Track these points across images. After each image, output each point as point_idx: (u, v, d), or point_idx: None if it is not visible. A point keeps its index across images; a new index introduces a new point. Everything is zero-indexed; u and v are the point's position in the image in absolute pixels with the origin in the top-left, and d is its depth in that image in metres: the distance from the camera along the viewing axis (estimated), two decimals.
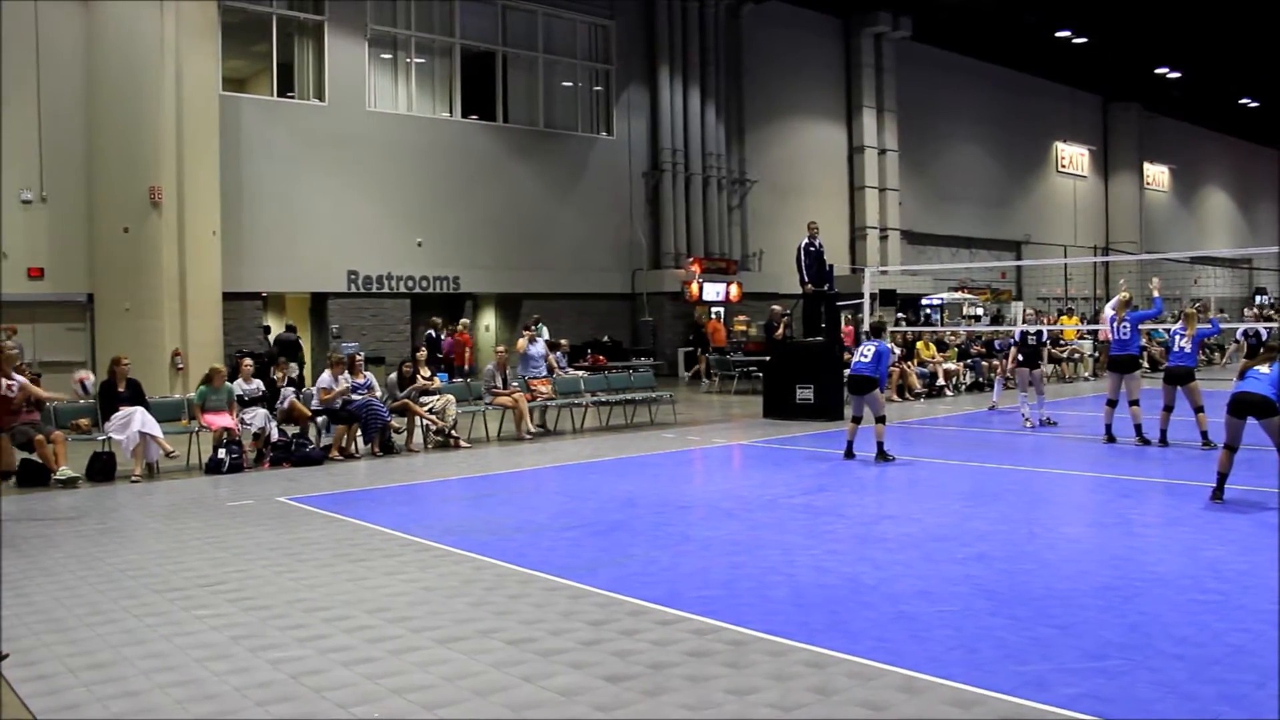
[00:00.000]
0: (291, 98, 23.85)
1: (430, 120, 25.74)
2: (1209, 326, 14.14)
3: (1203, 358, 14.67)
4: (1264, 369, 9.35)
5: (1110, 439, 14.06)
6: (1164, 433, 13.53)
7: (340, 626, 6.06)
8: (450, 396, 15.12)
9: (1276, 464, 9.51)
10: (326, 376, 14.07)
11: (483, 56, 26.98)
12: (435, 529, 8.84)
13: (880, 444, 12.66)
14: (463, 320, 24.36)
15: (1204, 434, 13.21)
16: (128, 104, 18.98)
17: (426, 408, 14.74)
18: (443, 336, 23.26)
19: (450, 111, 26.21)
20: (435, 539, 8.42)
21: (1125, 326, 14.03)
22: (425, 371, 15.45)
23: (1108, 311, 14.64)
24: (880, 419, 12.78)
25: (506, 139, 27.04)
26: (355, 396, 13.98)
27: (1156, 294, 14.99)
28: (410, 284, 24.87)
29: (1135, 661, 5.32)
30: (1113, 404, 14.23)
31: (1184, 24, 34.29)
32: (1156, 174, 50.54)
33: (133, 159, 18.95)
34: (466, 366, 22.47)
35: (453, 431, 14.83)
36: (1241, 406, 9.32)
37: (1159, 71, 40.92)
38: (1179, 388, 13.31)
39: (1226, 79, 42.57)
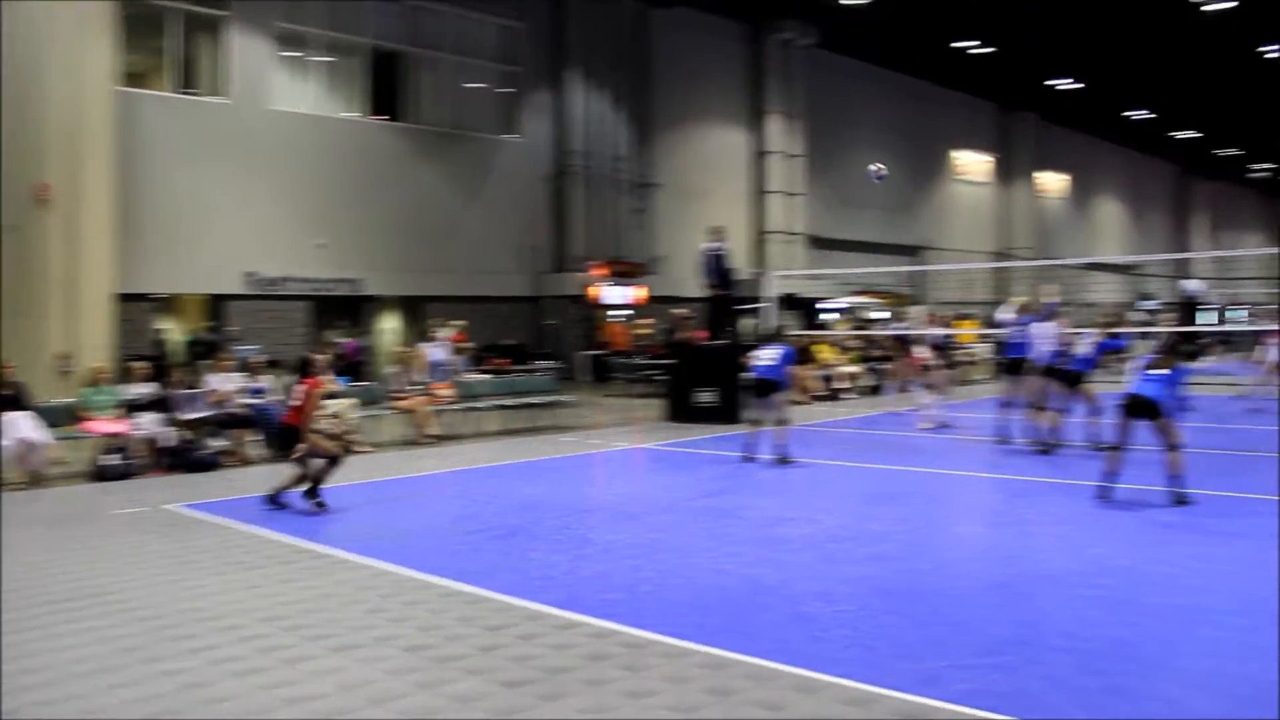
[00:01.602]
0: (193, 94, 23.31)
1: (336, 120, 25.38)
2: (1116, 339, 14.45)
3: (1104, 363, 15.11)
4: (1159, 371, 9.68)
5: (1005, 441, 14.37)
6: (1056, 434, 13.87)
7: (232, 636, 5.93)
8: (350, 400, 14.90)
9: (1164, 464, 9.77)
10: (216, 378, 13.77)
11: (390, 56, 26.67)
12: (332, 535, 8.71)
13: (781, 447, 12.78)
14: (455, 321, 23.88)
15: (1095, 436, 13.56)
16: (13, 98, 18.34)
17: (326, 412, 14.49)
18: (344, 340, 22.95)
19: (356, 111, 25.87)
20: (332, 545, 8.29)
21: (1020, 330, 14.35)
22: (325, 375, 15.19)
23: (1004, 315, 14.94)
24: (781, 422, 12.90)
25: (413, 140, 26.77)
26: (252, 400, 13.71)
27: (1052, 299, 15.38)
28: (311, 286, 24.47)
29: (1025, 656, 5.47)
30: (1008, 406, 14.54)
31: (1078, 38, 35.24)
32: (1052, 182, 51.82)
33: (19, 155, 18.31)
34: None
35: (352, 436, 14.61)
36: (1133, 408, 9.63)
37: (1054, 83, 41.96)
38: (1074, 389, 13.67)
39: (1119, 92, 43.82)
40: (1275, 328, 20.42)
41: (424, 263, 26.52)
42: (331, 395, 14.80)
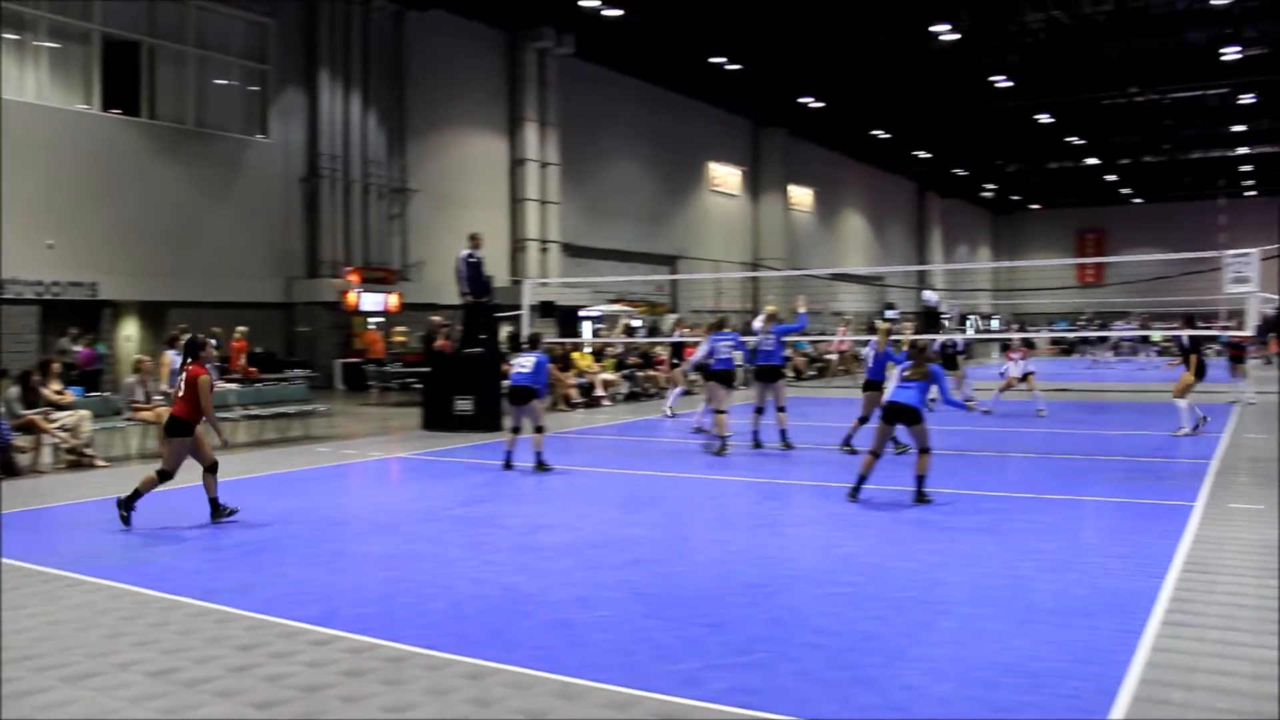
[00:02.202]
0: None
1: (65, 112, 23.80)
2: (900, 353, 15.13)
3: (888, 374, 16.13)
4: (913, 379, 10.28)
5: (757, 445, 14.85)
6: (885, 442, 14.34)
7: None
8: (84, 411, 14.05)
9: (914, 464, 10.33)
10: None
11: (127, 46, 25.24)
12: (65, 556, 8.17)
13: (539, 454, 12.83)
14: (239, 328, 22.83)
15: (849, 439, 14.17)
16: None
17: (57, 424, 13.63)
18: (78, 348, 21.61)
19: (89, 103, 24.37)
20: (65, 567, 7.77)
21: (770, 338, 14.88)
22: (56, 385, 14.29)
23: (757, 324, 15.45)
24: (539, 429, 12.95)
25: (153, 136, 25.45)
26: None
27: (802, 310, 16.03)
28: (39, 290, 22.88)
29: (778, 653, 5.67)
30: (759, 411, 15.04)
31: (822, 59, 36.87)
32: (801, 195, 53.90)
33: None
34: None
35: (87, 450, 13.79)
36: (893, 414, 10.20)
37: (803, 100, 43.70)
38: (866, 394, 14.26)
39: (861, 112, 46.06)
40: (1019, 341, 22.01)
41: (167, 266, 25.26)
42: (63, 406, 13.98)
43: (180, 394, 9.74)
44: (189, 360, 9.91)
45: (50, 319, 23.08)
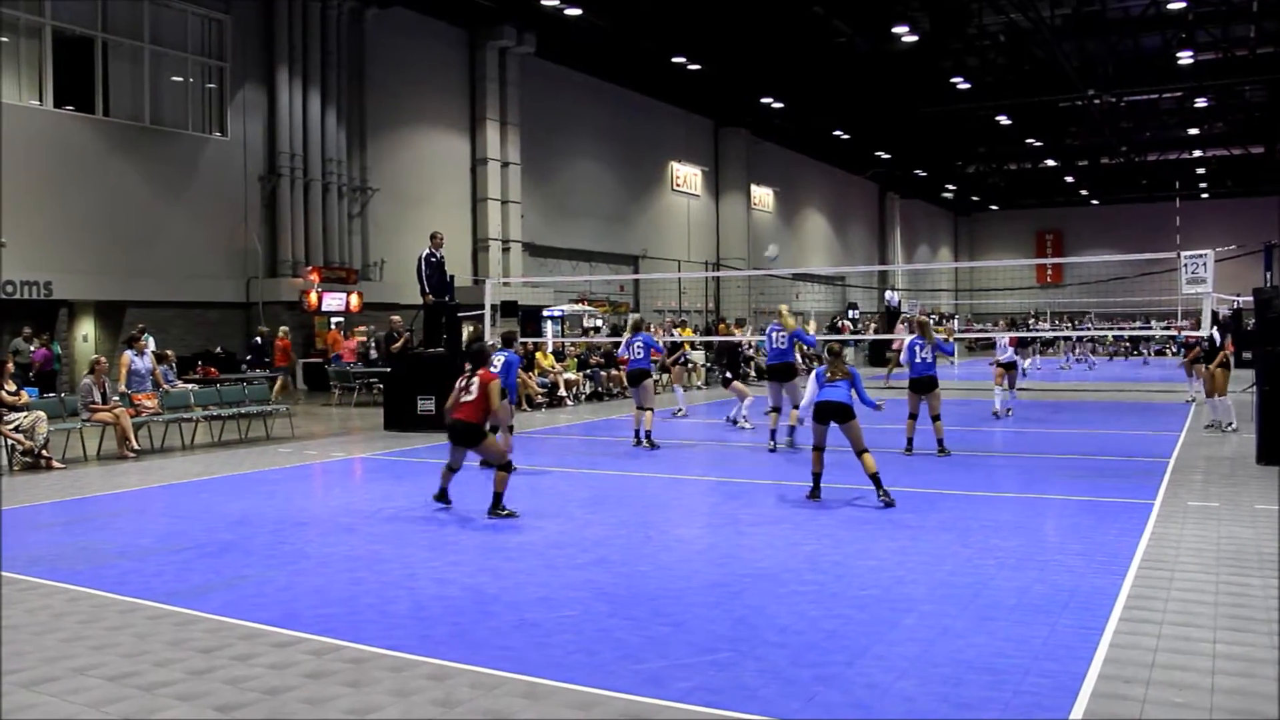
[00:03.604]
0: None
1: (16, 108, 23.40)
2: (949, 343, 15.17)
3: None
4: (837, 380, 10.38)
5: (777, 446, 14.68)
6: (911, 440, 14.23)
7: None
8: (40, 413, 13.87)
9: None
10: None
11: (80, 42, 24.90)
12: (20, 560, 8.06)
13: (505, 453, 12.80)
14: (283, 328, 23.03)
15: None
16: None
17: (12, 425, 13.45)
18: (32, 348, 21.33)
19: (40, 99, 24.01)
20: (20, 571, 7.68)
21: (784, 338, 14.95)
22: (10, 386, 14.09)
23: (773, 326, 15.48)
24: (508, 428, 12.92)
25: (108, 133, 25.11)
26: None
27: (812, 330, 16.16)
28: None
29: (742, 652, 5.68)
30: (776, 410, 14.95)
31: (784, 60, 36.97)
32: (762, 195, 53.96)
33: None
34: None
35: (43, 451, 13.61)
36: (824, 413, 10.29)
37: (764, 101, 43.78)
38: (923, 396, 14.15)
39: (822, 113, 46.19)
40: (1007, 335, 22.05)
41: (124, 265, 24.95)
42: (18, 407, 13.79)
43: (470, 399, 10.09)
44: (477, 368, 10.43)
45: (3, 319, 22.79)
